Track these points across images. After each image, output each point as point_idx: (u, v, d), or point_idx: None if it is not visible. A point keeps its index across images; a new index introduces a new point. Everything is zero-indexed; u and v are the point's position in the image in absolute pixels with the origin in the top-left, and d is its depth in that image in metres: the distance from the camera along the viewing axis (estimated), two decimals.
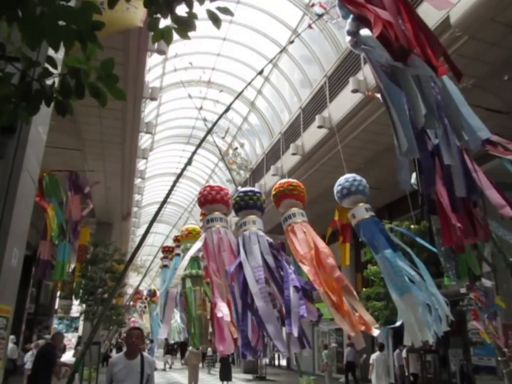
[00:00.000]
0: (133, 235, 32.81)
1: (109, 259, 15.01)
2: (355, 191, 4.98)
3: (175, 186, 5.11)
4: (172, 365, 27.21)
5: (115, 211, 20.68)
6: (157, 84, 16.87)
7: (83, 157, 14.19)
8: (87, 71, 1.74)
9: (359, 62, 11.68)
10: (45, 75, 1.76)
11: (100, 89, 1.77)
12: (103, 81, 1.75)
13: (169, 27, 2.04)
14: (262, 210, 5.04)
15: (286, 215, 4.98)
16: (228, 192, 5.48)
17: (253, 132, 21.88)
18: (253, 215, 4.91)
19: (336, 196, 5.13)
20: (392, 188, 11.61)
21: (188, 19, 2.01)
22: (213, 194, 5.29)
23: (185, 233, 7.73)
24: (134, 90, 11.19)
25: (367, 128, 11.69)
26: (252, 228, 4.77)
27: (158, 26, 2.03)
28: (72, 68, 1.75)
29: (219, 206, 5.29)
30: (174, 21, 2.00)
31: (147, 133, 15.66)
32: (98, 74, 1.75)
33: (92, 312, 14.37)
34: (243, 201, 4.96)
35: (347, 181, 5.08)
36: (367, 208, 4.88)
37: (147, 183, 27.89)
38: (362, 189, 5.00)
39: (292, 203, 5.07)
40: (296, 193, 5.08)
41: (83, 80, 1.73)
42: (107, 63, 1.76)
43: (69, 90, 1.75)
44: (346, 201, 5.05)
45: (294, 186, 5.14)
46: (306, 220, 4.96)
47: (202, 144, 6.12)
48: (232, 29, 15.96)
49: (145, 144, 21.17)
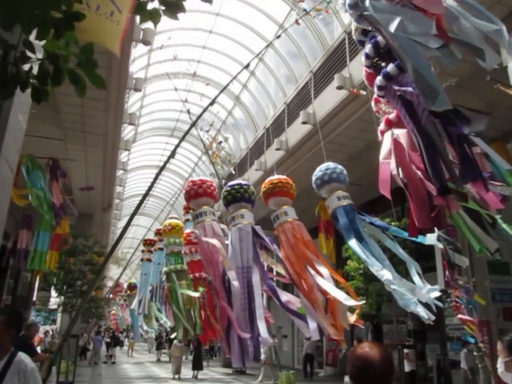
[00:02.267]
0: (114, 227, 32.46)
1: (89, 251, 14.85)
2: (328, 180, 4.84)
3: (157, 179, 5.06)
4: (160, 357, 27.59)
5: (96, 202, 20.42)
6: (141, 75, 16.67)
7: (64, 147, 13.96)
8: (66, 56, 1.69)
9: (344, 59, 11.71)
10: (22, 59, 1.71)
11: (78, 75, 1.72)
12: (82, 67, 1.71)
13: (156, 8, 2.01)
14: (251, 201, 4.99)
15: (275, 215, 4.94)
16: (212, 184, 5.43)
17: (238, 126, 21.81)
18: (243, 209, 4.87)
19: (315, 189, 5.03)
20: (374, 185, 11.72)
21: (176, 1, 1.98)
22: (195, 189, 5.25)
23: (168, 228, 7.70)
24: (117, 80, 11.02)
25: (351, 125, 11.76)
26: (244, 222, 4.75)
27: (145, 8, 2.00)
28: (51, 54, 1.70)
29: (204, 200, 5.25)
30: (162, 3, 1.98)
31: (130, 124, 15.49)
32: (77, 60, 1.71)
33: (71, 305, 14.22)
34: (231, 195, 4.92)
35: (320, 171, 4.95)
36: (339, 196, 4.73)
37: (129, 175, 27.61)
38: (336, 176, 4.84)
39: (280, 201, 5.04)
40: (277, 190, 5.04)
41: (61, 66, 1.68)
42: (87, 48, 1.71)
43: (46, 75, 1.70)
44: (323, 192, 4.92)
45: (275, 183, 5.09)
46: (296, 218, 4.92)
47: (186, 137, 6.07)
48: (219, 22, 15.85)
49: (128, 135, 20.93)
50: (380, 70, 3.25)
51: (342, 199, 4.71)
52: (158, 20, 2.05)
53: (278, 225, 4.86)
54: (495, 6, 6.80)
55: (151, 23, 2.22)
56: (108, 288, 25.87)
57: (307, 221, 8.05)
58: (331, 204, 4.74)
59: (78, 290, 14.24)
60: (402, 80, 3.04)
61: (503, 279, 11.18)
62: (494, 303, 10.97)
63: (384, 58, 3.25)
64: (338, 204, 4.67)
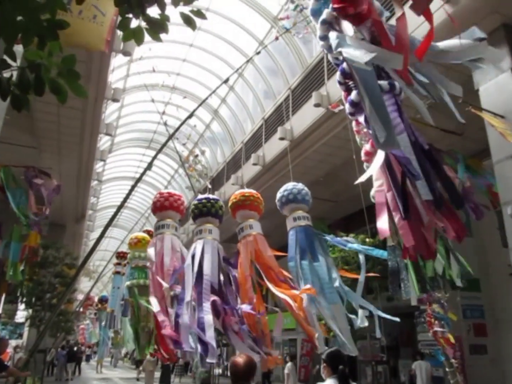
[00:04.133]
0: (87, 239, 31.80)
1: (59, 262, 14.49)
2: (285, 201, 4.95)
3: (133, 191, 5.01)
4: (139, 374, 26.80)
5: (69, 212, 20.01)
6: (120, 85, 16.55)
7: (37, 155, 13.68)
8: (48, 66, 1.67)
9: (322, 77, 11.91)
10: (3, 67, 1.68)
11: (60, 85, 1.70)
12: (64, 77, 1.69)
13: (140, 27, 2.00)
14: (218, 216, 4.95)
15: (240, 227, 4.95)
16: (179, 198, 5.37)
17: (215, 140, 21.82)
18: (209, 224, 4.84)
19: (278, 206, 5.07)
20: (350, 201, 11.87)
21: (161, 21, 1.99)
22: (161, 201, 5.20)
23: (134, 241, 7.58)
24: (96, 90, 10.93)
25: (327, 142, 11.91)
26: (207, 238, 4.70)
27: (129, 25, 1.99)
28: (32, 62, 1.69)
29: (169, 213, 5.20)
30: (146, 21, 1.97)
31: (107, 134, 15.31)
32: (59, 70, 1.69)
33: (39, 318, 13.79)
34: (197, 209, 4.91)
35: (279, 193, 5.05)
36: (295, 217, 4.82)
37: (104, 186, 27.20)
38: (293, 197, 4.94)
39: (246, 214, 5.03)
40: (248, 203, 5.03)
41: (43, 75, 1.67)
42: (69, 59, 1.70)
43: (27, 84, 1.68)
44: (285, 212, 5.01)
45: (247, 196, 5.09)
46: (260, 232, 4.92)
47: (163, 149, 6.05)
48: (200, 36, 15.94)
49: (104, 145, 20.68)
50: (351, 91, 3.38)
51: (299, 219, 4.79)
52: (141, 40, 2.04)
53: (242, 237, 4.87)
54: (487, 17, 7.01)
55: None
56: (78, 302, 25.22)
57: (281, 236, 8.09)
58: (288, 224, 4.86)
59: (47, 303, 13.85)
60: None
61: (473, 295, 11.39)
62: (465, 319, 11.14)
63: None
64: (293, 224, 4.78)
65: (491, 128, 7.12)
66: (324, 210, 15.11)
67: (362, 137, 4.19)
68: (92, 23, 4.43)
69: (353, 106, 3.30)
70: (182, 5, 2.05)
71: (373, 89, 2.64)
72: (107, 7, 4.10)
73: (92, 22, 4.43)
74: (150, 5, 1.94)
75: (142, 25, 2.00)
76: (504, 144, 7.10)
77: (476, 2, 6.88)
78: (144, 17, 1.96)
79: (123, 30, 2.00)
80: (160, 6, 1.98)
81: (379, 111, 2.56)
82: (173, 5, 1.99)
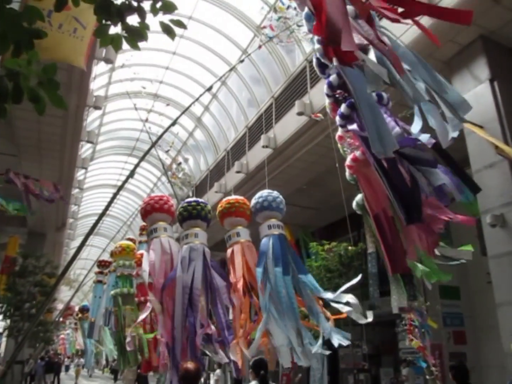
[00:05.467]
0: (67, 248, 31.30)
1: (39, 272, 14.22)
2: (259, 208, 4.92)
3: (115, 198, 4.95)
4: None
5: (49, 221, 19.69)
6: (102, 93, 16.43)
7: (18, 163, 13.46)
8: (26, 75, 1.65)
9: (305, 86, 12.02)
10: None
11: (39, 94, 1.68)
12: (43, 87, 1.67)
13: (119, 34, 1.99)
14: (207, 220, 4.90)
15: (228, 235, 4.91)
16: (169, 200, 5.30)
17: (199, 148, 21.78)
18: (197, 227, 4.77)
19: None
20: (333, 209, 11.92)
21: (140, 29, 1.98)
22: (151, 204, 5.08)
23: (118, 250, 7.49)
24: (77, 98, 10.84)
25: (310, 150, 11.99)
26: (195, 242, 4.65)
27: (107, 32, 1.98)
28: (11, 71, 1.67)
29: (161, 215, 5.10)
30: (125, 29, 1.96)
31: (88, 142, 15.16)
32: (39, 79, 1.67)
33: (17, 329, 13.49)
34: (186, 211, 4.81)
35: (254, 199, 5.00)
36: (269, 225, 4.80)
37: (85, 194, 26.87)
38: (267, 205, 4.91)
39: (233, 221, 4.97)
40: (234, 210, 4.96)
41: (22, 84, 1.65)
42: (50, 67, 1.68)
43: (5, 93, 1.66)
44: (259, 220, 4.97)
45: (232, 203, 5.03)
46: (249, 240, 4.90)
47: (145, 157, 6.01)
48: (183, 44, 15.95)
49: (86, 153, 20.45)
50: (340, 103, 3.41)
51: (273, 228, 4.76)
52: (119, 47, 2.02)
53: (229, 245, 4.84)
54: (465, 29, 7.14)
55: None
56: (58, 311, 24.75)
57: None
58: (261, 232, 4.82)
59: (26, 313, 13.55)
60: (358, 117, 3.18)
61: (453, 303, 11.52)
62: (445, 327, 11.23)
63: (341, 91, 3.43)
64: (267, 232, 4.75)
65: (471, 138, 7.28)
66: (307, 218, 15.19)
67: (346, 145, 4.21)
68: (72, 37, 4.36)
69: (344, 118, 3.34)
70: (163, 14, 2.05)
71: (367, 95, 2.68)
72: (89, 19, 4.06)
73: (72, 36, 4.36)
74: (130, 14, 1.93)
75: (121, 33, 1.99)
76: (483, 154, 7.26)
77: None
78: (123, 26, 1.95)
79: (100, 36, 1.98)
80: (140, 15, 1.97)
81: (375, 115, 2.58)
82: (152, 13, 1.98)
